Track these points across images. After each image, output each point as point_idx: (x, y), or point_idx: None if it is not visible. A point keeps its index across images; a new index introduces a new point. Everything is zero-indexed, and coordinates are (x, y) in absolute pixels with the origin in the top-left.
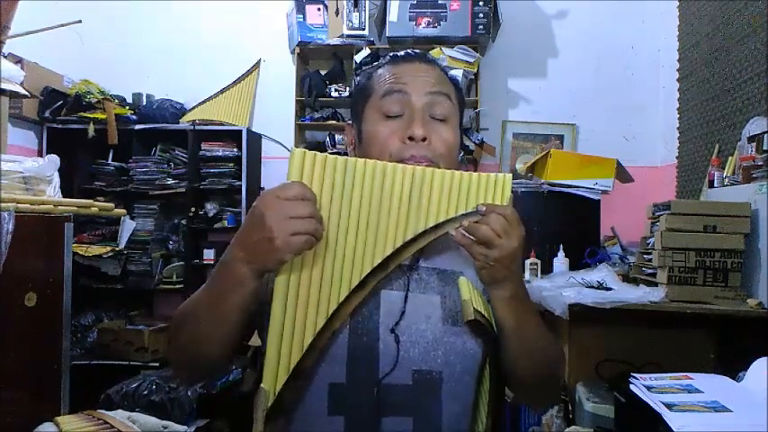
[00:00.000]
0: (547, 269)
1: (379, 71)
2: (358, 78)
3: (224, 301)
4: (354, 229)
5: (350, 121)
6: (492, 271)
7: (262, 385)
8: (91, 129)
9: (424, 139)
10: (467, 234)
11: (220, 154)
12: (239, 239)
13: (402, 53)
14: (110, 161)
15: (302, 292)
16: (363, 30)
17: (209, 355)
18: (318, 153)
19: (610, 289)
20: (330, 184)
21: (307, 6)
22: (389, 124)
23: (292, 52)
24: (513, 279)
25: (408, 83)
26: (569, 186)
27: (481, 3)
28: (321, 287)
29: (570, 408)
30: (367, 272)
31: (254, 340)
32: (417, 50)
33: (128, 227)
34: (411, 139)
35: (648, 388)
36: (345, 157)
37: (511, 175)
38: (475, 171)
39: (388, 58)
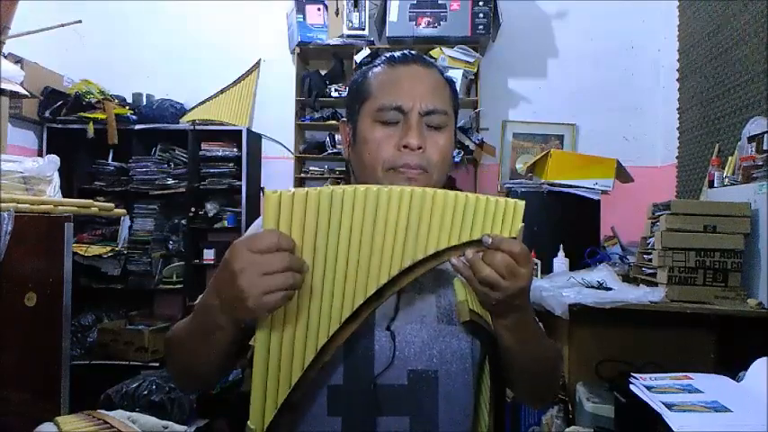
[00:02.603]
0: (547, 269)
1: (377, 72)
2: (354, 76)
3: (207, 340)
4: (344, 262)
5: (344, 119)
6: (493, 308)
7: (249, 423)
8: (90, 129)
9: (419, 148)
10: (469, 265)
11: (220, 154)
12: (213, 287)
13: (399, 54)
14: (110, 161)
15: (287, 330)
16: (363, 30)
17: (203, 375)
18: (297, 191)
19: (610, 289)
20: (313, 222)
21: (307, 6)
22: (384, 130)
23: (292, 52)
24: (518, 311)
25: (405, 94)
26: (569, 186)
27: (481, 3)
28: (308, 324)
29: (570, 408)
30: (359, 303)
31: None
32: (414, 52)
33: (125, 226)
34: (406, 147)
35: (648, 388)
36: (329, 187)
37: (523, 202)
38: (475, 171)
39: (385, 57)
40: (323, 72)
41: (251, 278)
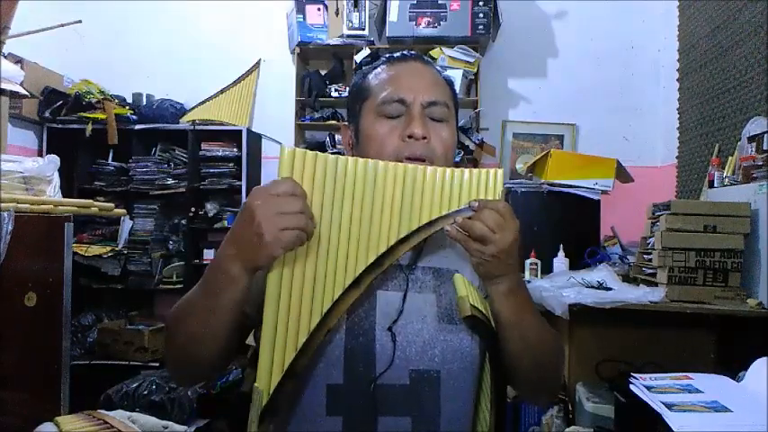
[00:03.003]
0: (547, 269)
1: (376, 71)
2: (354, 78)
3: (217, 299)
4: (347, 227)
5: (346, 122)
6: (488, 266)
7: (255, 384)
8: (88, 128)
9: (423, 138)
10: (461, 230)
11: (220, 154)
12: (231, 236)
13: (398, 54)
14: (110, 161)
15: (295, 292)
16: (363, 30)
17: (206, 354)
18: (309, 151)
19: (610, 289)
20: (321, 182)
21: (307, 6)
22: (388, 123)
23: (292, 52)
24: (511, 273)
25: (406, 88)
26: (569, 186)
27: (481, 3)
28: (314, 286)
29: (570, 408)
30: (361, 270)
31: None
32: (414, 51)
33: (126, 226)
34: (410, 137)
35: (648, 388)
36: (336, 155)
37: (502, 169)
38: None
39: (384, 58)
40: (323, 72)
41: (268, 215)
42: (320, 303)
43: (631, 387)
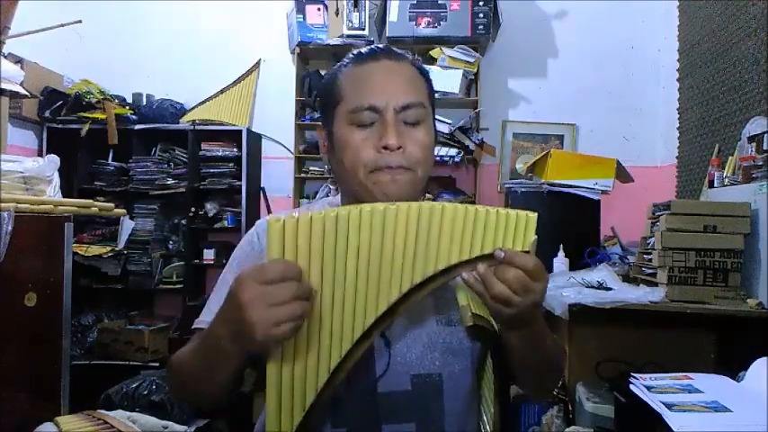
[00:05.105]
0: (547, 269)
1: (346, 72)
2: (324, 79)
3: (215, 368)
4: (353, 282)
5: (320, 123)
6: (505, 323)
7: None
8: (85, 128)
9: (399, 148)
10: (480, 281)
11: (220, 154)
12: (223, 319)
13: (366, 50)
14: (110, 161)
15: (299, 358)
16: (363, 30)
17: (209, 401)
18: (301, 216)
19: (610, 289)
20: (319, 246)
21: (307, 6)
22: (361, 133)
23: (292, 52)
24: (529, 324)
25: (378, 93)
26: (569, 186)
27: (481, 3)
28: (320, 348)
29: (570, 408)
30: (370, 323)
31: None
32: (381, 45)
33: (127, 227)
34: (386, 148)
35: (648, 388)
36: (333, 209)
37: (536, 214)
38: (475, 171)
39: (352, 56)
40: (323, 72)
41: (259, 310)
42: (327, 362)
43: (631, 387)
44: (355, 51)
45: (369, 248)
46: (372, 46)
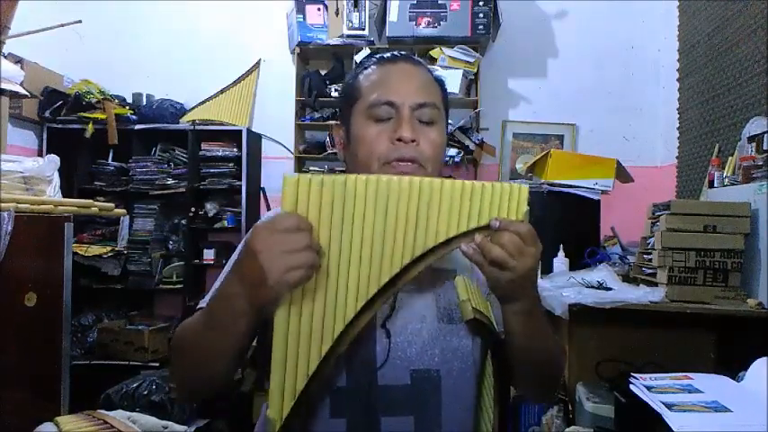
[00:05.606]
0: (547, 269)
1: (367, 72)
2: (346, 79)
3: (224, 332)
4: (358, 250)
5: (338, 123)
6: (503, 290)
7: (267, 413)
8: (90, 129)
9: (413, 141)
10: (478, 250)
11: (220, 154)
12: (235, 273)
13: (389, 54)
14: (110, 161)
15: (305, 320)
16: (363, 30)
17: (212, 379)
18: (314, 176)
19: (610, 289)
20: (329, 209)
21: (307, 6)
22: (377, 126)
23: (292, 52)
24: (527, 296)
25: (395, 90)
26: (569, 186)
27: (481, 3)
28: (325, 313)
29: (570, 408)
30: (373, 292)
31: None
32: (403, 52)
33: (126, 226)
34: (399, 140)
35: (648, 388)
36: (344, 175)
37: (527, 186)
38: (475, 171)
39: (375, 59)
40: (323, 72)
41: (272, 256)
42: (331, 329)
43: (631, 387)
44: (377, 56)
45: (374, 217)
46: (394, 52)
